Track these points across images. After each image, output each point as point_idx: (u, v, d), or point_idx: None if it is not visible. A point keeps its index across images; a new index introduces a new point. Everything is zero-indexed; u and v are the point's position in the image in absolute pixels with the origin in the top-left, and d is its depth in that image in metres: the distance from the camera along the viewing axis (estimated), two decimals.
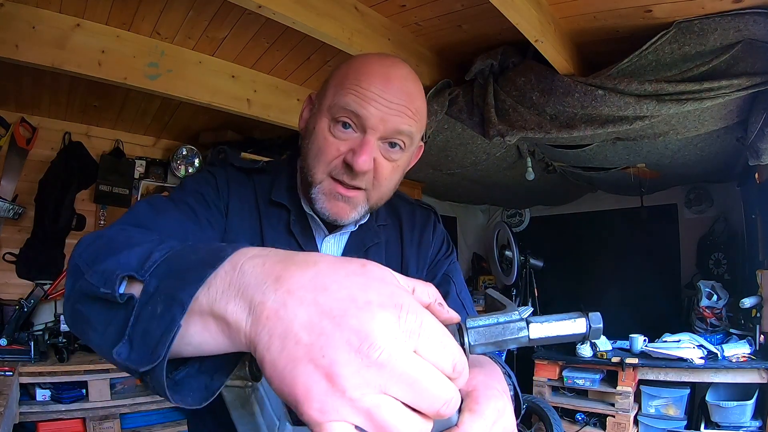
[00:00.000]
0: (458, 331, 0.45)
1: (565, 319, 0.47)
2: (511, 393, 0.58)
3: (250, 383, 0.47)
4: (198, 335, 0.36)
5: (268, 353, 0.31)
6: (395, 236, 0.92)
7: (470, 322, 0.46)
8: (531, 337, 0.46)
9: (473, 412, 0.45)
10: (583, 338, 0.47)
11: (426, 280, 0.94)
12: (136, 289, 0.39)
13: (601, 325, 0.47)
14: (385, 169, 0.76)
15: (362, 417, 0.30)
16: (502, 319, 0.47)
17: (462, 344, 0.44)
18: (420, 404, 0.31)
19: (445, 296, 0.91)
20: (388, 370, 0.30)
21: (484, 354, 0.50)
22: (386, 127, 0.73)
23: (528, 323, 0.46)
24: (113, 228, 0.59)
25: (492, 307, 0.53)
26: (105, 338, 0.40)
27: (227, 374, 0.41)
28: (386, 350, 0.30)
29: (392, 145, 0.75)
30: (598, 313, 0.48)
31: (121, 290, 0.40)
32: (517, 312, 0.47)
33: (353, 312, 0.31)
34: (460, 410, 0.48)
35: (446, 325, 0.39)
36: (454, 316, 0.40)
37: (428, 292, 0.40)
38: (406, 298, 0.33)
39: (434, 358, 0.31)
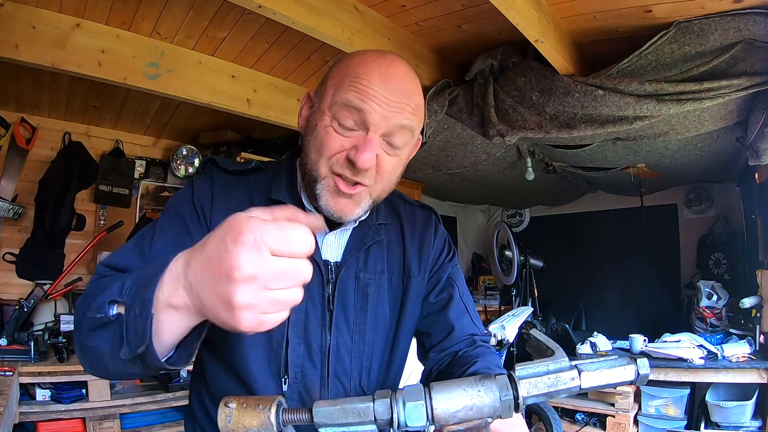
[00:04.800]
0: (510, 383, 0.45)
1: (615, 366, 0.47)
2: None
3: None
4: (169, 323, 0.53)
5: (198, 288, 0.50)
6: (396, 236, 0.92)
7: (520, 371, 0.46)
8: (583, 385, 0.46)
9: None
10: (630, 384, 0.47)
11: (429, 283, 0.93)
12: (122, 309, 0.55)
13: (649, 372, 0.47)
14: (387, 164, 0.76)
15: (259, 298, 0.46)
16: (552, 367, 0.46)
17: (516, 397, 0.44)
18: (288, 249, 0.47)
19: (449, 300, 0.91)
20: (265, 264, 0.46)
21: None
22: (388, 125, 0.73)
23: (580, 372, 0.46)
24: (94, 278, 0.73)
25: (537, 350, 0.52)
26: (112, 353, 0.56)
27: (198, 339, 0.59)
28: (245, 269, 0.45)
29: (393, 142, 0.76)
30: (646, 360, 0.47)
31: (112, 313, 0.56)
32: (566, 358, 0.47)
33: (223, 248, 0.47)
34: None
35: (497, 376, 0.46)
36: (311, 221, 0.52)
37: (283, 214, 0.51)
38: (252, 228, 0.46)
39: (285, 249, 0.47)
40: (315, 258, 0.81)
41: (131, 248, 0.76)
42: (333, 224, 0.83)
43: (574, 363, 0.46)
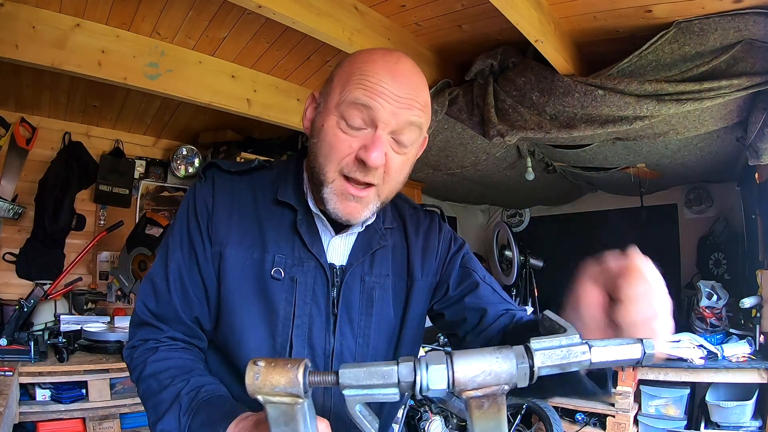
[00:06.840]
0: (526, 352, 0.48)
1: (623, 344, 0.49)
2: None
3: (301, 399, 0.47)
4: None
5: None
6: (401, 241, 0.92)
7: (535, 344, 0.48)
8: (593, 360, 0.48)
9: None
10: (636, 363, 0.50)
11: (442, 281, 0.92)
12: None
13: (654, 352, 0.49)
14: (395, 163, 0.76)
15: None
16: (565, 342, 0.49)
17: (531, 366, 0.47)
18: None
19: (472, 287, 0.89)
20: None
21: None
22: (397, 121, 0.73)
23: (590, 347, 0.49)
24: (135, 321, 0.81)
25: (550, 329, 0.55)
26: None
27: None
28: None
29: (401, 140, 0.75)
30: (651, 340, 0.50)
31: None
32: (578, 335, 0.50)
33: None
34: None
35: (514, 346, 0.48)
36: None
37: None
38: None
39: None
40: (320, 261, 0.81)
41: (151, 301, 0.80)
42: (339, 227, 0.83)
43: (585, 341, 0.49)
